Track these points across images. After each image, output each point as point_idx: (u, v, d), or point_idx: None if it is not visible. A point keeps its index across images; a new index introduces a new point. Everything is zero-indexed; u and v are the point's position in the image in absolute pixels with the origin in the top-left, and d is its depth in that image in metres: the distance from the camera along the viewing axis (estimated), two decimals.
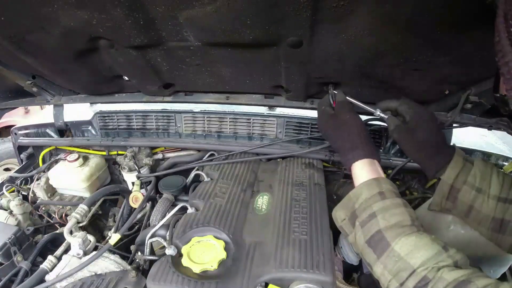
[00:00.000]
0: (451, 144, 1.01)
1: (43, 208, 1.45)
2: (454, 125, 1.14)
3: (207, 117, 1.41)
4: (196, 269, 0.81)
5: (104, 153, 1.54)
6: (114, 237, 1.00)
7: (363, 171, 0.82)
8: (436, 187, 0.90)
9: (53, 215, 1.43)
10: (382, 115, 0.93)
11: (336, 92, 1.04)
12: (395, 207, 0.74)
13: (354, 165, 0.84)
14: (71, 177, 1.40)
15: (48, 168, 1.50)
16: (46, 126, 1.56)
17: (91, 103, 1.51)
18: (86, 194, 1.45)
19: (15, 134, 1.58)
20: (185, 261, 0.83)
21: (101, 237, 1.39)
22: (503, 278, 1.14)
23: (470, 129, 1.16)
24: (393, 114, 0.94)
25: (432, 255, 0.64)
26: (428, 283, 0.61)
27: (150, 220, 1.14)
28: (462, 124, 1.13)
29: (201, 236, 0.91)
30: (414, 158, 0.94)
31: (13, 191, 1.42)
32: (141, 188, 1.34)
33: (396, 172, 1.26)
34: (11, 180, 1.50)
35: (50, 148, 1.59)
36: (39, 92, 1.40)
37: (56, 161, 1.52)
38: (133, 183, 1.34)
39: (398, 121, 0.91)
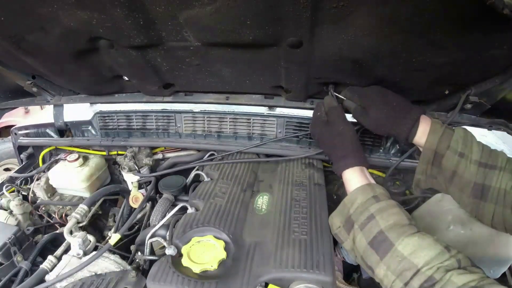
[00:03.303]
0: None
1: (43, 208, 1.45)
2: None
3: (207, 117, 1.40)
4: (196, 269, 0.81)
5: (104, 153, 1.54)
6: (114, 237, 1.00)
7: (355, 177, 0.86)
8: (420, 156, 0.91)
9: (53, 215, 1.43)
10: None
11: (336, 94, 1.05)
12: (391, 207, 0.76)
13: (346, 172, 0.88)
14: (71, 177, 1.40)
15: (48, 168, 1.50)
16: (46, 126, 1.56)
17: (91, 103, 1.51)
18: (86, 194, 1.45)
19: (15, 134, 1.58)
20: (185, 261, 0.83)
21: (101, 237, 1.39)
22: (503, 278, 1.14)
23: (470, 129, 1.15)
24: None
25: (436, 255, 0.64)
26: (435, 284, 0.61)
27: (150, 220, 1.14)
28: (462, 124, 1.13)
29: (201, 236, 0.91)
30: (381, 133, 0.97)
31: (13, 191, 1.42)
32: (140, 188, 1.34)
33: (397, 172, 1.26)
34: (11, 180, 1.50)
35: (50, 148, 1.59)
36: (39, 92, 1.40)
37: (56, 161, 1.53)
38: (132, 183, 1.34)
39: (354, 104, 0.98)
